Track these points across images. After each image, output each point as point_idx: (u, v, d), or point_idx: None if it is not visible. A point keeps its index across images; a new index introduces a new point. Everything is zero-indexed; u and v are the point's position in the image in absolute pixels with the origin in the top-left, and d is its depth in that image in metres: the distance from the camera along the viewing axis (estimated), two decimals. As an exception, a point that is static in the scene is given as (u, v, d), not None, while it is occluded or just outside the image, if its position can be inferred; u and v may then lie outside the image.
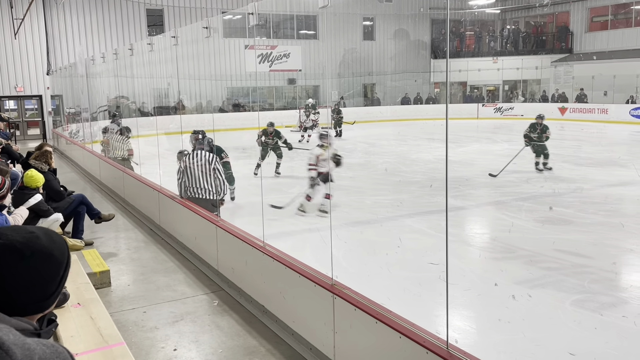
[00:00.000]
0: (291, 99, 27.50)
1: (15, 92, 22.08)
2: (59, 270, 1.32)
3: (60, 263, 1.32)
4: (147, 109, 19.62)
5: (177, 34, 7.08)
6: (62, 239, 1.37)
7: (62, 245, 1.35)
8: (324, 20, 25.51)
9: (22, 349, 1.07)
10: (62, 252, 1.34)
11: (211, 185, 6.54)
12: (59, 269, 1.32)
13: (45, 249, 1.29)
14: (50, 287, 1.31)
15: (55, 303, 1.34)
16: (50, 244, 1.31)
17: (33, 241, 1.28)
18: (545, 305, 4.86)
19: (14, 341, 1.07)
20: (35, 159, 6.59)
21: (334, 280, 3.68)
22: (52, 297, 1.32)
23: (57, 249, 1.32)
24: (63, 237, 1.40)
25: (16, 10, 21.06)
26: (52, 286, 1.31)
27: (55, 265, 1.31)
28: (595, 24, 27.30)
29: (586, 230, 7.30)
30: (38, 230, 1.34)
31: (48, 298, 1.31)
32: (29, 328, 1.24)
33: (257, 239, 4.77)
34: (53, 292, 1.32)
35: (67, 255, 1.35)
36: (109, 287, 5.37)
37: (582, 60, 26.41)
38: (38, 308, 1.30)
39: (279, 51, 25.99)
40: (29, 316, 1.28)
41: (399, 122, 24.72)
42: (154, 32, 23.97)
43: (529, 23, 30.21)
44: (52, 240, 1.33)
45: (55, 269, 1.31)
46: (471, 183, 10.40)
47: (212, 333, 4.33)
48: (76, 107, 16.33)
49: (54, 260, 1.31)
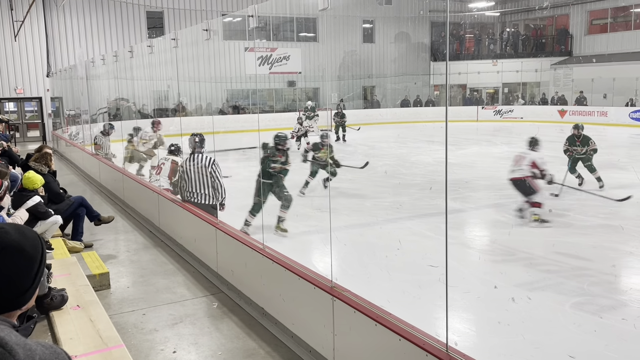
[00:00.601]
0: (291, 101, 27.52)
1: (15, 94, 22.09)
2: (33, 265, 1.30)
3: (33, 258, 1.30)
4: (147, 111, 19.62)
5: (177, 36, 7.09)
6: (35, 234, 1.35)
7: (35, 240, 1.33)
8: (323, 22, 25.54)
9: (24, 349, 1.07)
10: (35, 247, 1.32)
11: (208, 189, 6.42)
12: (33, 264, 1.30)
13: (15, 243, 1.28)
14: (24, 283, 1.29)
15: (32, 299, 1.32)
16: (21, 238, 1.29)
17: (2, 236, 1.27)
18: (545, 308, 4.86)
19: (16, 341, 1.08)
20: (34, 161, 6.59)
21: (333, 283, 3.68)
22: (28, 293, 1.30)
23: (29, 244, 1.30)
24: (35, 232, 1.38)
25: (16, 12, 21.09)
26: (26, 282, 1.29)
27: (27, 260, 1.29)
28: (595, 27, 27.34)
29: (586, 232, 7.30)
30: (8, 225, 1.32)
31: (23, 294, 1.29)
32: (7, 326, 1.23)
33: (257, 241, 4.77)
34: (28, 288, 1.30)
35: (41, 250, 1.33)
36: (108, 289, 5.37)
37: (582, 63, 26.44)
38: (14, 305, 1.28)
39: (279, 53, 26.03)
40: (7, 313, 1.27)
41: (398, 124, 24.72)
42: (154, 34, 24.00)
43: (529, 26, 30.25)
44: (24, 236, 1.31)
45: (28, 263, 1.29)
46: (471, 185, 10.40)
47: (212, 335, 4.32)
48: (76, 109, 16.33)
49: (26, 255, 1.29)
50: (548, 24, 29.73)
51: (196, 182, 6.43)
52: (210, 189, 6.41)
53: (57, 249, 5.69)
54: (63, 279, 4.55)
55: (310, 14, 25.71)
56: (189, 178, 6.48)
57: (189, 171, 6.49)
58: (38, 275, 1.33)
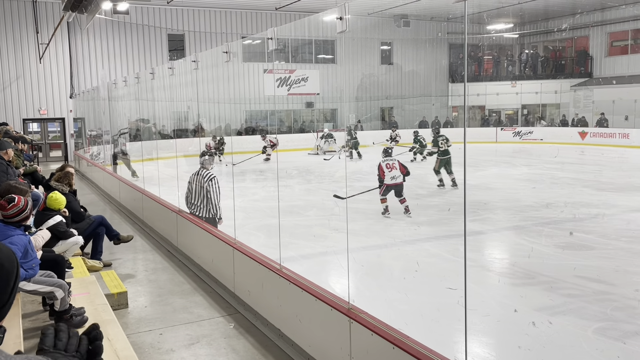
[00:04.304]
0: (309, 122, 27.69)
1: (39, 114, 22.56)
2: (9, 279, 1.28)
3: (9, 272, 1.28)
4: (166, 132, 19.90)
5: (197, 58, 7.20)
6: (8, 249, 1.32)
7: (10, 254, 1.31)
8: (342, 44, 25.78)
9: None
10: (11, 261, 1.29)
11: (204, 203, 6.84)
12: (9, 279, 1.28)
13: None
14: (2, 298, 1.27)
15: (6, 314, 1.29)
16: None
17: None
18: (567, 333, 4.76)
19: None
20: (57, 180, 6.68)
21: (350, 305, 3.65)
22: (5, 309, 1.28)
23: (5, 258, 1.28)
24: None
25: (42, 35, 21.64)
26: (3, 296, 1.27)
27: (5, 274, 1.27)
28: (615, 49, 27.16)
29: (608, 256, 7.16)
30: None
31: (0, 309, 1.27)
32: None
33: (274, 261, 4.77)
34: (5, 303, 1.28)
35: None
36: (126, 308, 5.39)
37: (602, 84, 26.23)
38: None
39: (297, 75, 26.27)
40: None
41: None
42: (175, 56, 24.42)
43: (548, 47, 30.16)
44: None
45: (5, 278, 1.27)
46: (490, 207, 10.30)
47: (228, 356, 4.30)
48: (97, 130, 16.60)
49: (4, 270, 1.26)
50: (567, 46, 29.63)
51: (197, 196, 6.92)
52: (206, 203, 6.83)
53: (77, 267, 5.74)
54: (82, 297, 4.58)
55: (328, 36, 25.97)
56: (192, 191, 6.98)
57: (193, 185, 6.97)
58: (14, 289, 1.30)
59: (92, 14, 14.66)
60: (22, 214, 4.00)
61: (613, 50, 27.24)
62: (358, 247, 7.19)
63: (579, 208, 10.01)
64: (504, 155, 21.62)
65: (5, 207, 3.95)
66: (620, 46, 27.00)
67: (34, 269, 3.96)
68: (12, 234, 3.88)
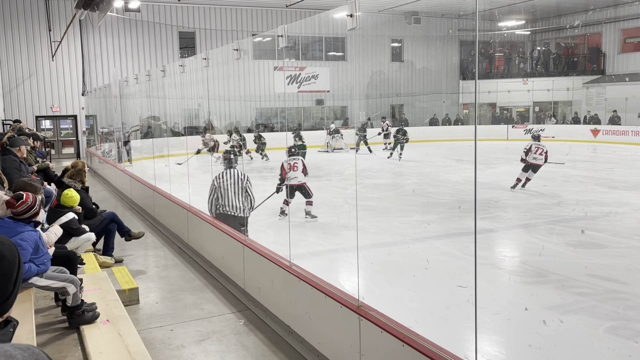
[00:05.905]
0: (319, 119, 27.68)
1: (51, 112, 22.75)
2: (12, 270, 1.30)
3: (12, 263, 1.30)
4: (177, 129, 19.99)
5: (208, 56, 7.22)
6: (10, 241, 1.35)
7: (11, 246, 1.33)
8: (352, 42, 25.70)
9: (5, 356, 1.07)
10: (13, 252, 1.32)
11: (242, 203, 6.67)
12: (12, 270, 1.30)
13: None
14: (6, 289, 1.29)
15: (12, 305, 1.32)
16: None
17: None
18: (578, 332, 4.73)
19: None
20: (70, 177, 6.73)
21: (360, 302, 3.65)
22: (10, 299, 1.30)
23: (6, 249, 1.30)
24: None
25: (54, 33, 21.81)
26: (8, 287, 1.29)
27: (7, 265, 1.29)
28: (628, 45, 26.88)
29: (620, 254, 7.11)
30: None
31: (6, 300, 1.30)
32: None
33: (284, 258, 4.78)
34: (10, 294, 1.30)
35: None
36: (137, 304, 5.43)
37: (615, 81, 25.98)
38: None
39: (308, 72, 26.28)
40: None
41: (426, 142, 24.60)
42: (186, 54, 24.51)
43: (560, 44, 29.91)
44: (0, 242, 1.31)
45: (8, 269, 1.29)
46: (500, 205, 10.25)
47: (238, 353, 4.33)
48: (109, 127, 16.71)
49: (5, 261, 1.29)
50: (580, 43, 29.36)
51: (231, 197, 6.69)
52: (243, 202, 6.68)
53: (89, 263, 5.80)
54: (94, 293, 4.62)
55: (339, 34, 25.94)
56: (224, 192, 6.72)
57: (224, 186, 6.74)
58: (18, 280, 1.32)
59: (104, 11, 14.74)
60: (31, 211, 4.03)
61: (626, 47, 26.96)
62: (368, 244, 7.19)
63: (590, 206, 9.94)
64: (515, 152, 21.45)
65: (14, 205, 3.99)
66: (634, 43, 26.71)
67: (46, 265, 4.01)
68: (22, 230, 3.92)
